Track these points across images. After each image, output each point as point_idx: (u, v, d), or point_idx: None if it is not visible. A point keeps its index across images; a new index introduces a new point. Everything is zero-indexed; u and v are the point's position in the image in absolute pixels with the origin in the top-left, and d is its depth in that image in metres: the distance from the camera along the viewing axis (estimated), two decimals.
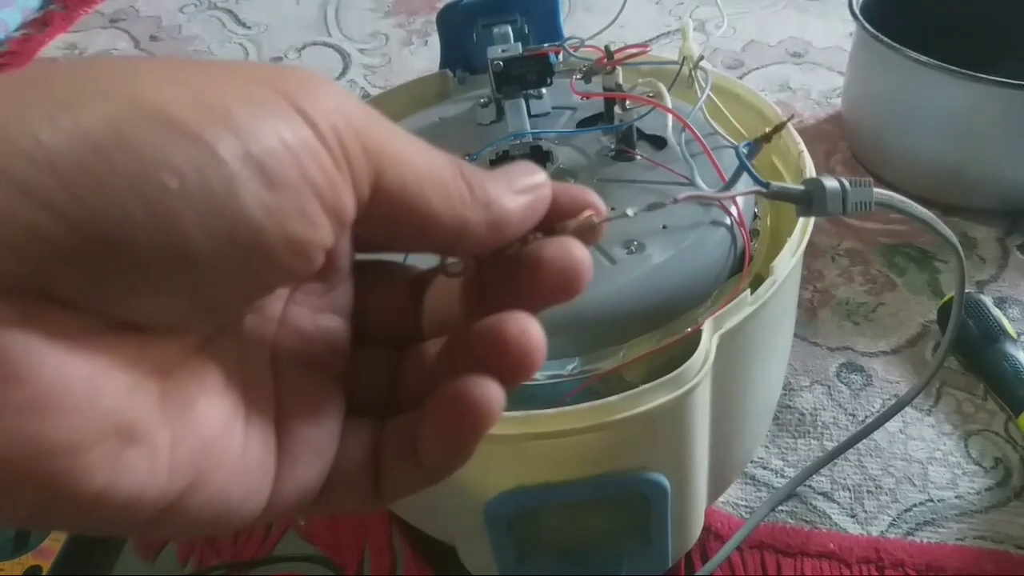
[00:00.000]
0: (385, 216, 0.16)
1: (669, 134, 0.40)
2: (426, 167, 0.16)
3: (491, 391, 0.16)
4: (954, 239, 0.35)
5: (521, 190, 0.17)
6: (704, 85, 0.42)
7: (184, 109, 0.13)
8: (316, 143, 0.14)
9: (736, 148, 0.32)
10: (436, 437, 0.17)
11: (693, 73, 0.43)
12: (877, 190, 0.29)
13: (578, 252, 0.18)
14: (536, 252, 0.18)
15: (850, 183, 0.28)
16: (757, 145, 0.33)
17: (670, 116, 0.40)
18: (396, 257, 0.20)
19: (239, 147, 0.13)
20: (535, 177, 0.18)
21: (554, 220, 0.18)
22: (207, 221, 0.13)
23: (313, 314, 0.18)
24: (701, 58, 0.43)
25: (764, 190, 0.28)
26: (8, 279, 0.12)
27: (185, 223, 0.13)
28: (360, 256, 0.19)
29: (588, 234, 0.18)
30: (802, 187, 0.28)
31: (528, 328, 0.17)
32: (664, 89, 0.40)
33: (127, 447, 0.13)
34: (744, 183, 0.35)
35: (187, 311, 0.14)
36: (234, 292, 0.14)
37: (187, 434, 0.14)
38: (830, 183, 0.28)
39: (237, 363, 0.16)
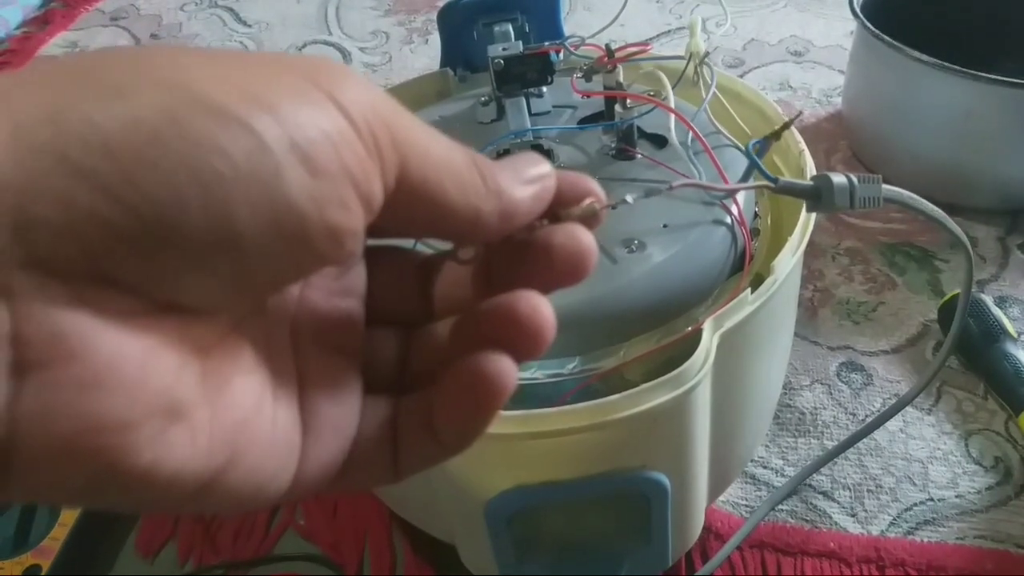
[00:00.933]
0: (404, 205, 0.16)
1: (672, 133, 0.40)
2: (445, 158, 0.17)
3: (505, 365, 0.17)
4: (963, 236, 0.35)
5: (529, 180, 0.18)
6: (710, 82, 0.42)
7: (233, 98, 0.13)
8: (352, 133, 0.14)
9: (747, 146, 0.32)
10: (453, 411, 0.18)
11: (699, 70, 0.43)
12: (886, 186, 0.29)
13: (585, 238, 0.18)
14: (545, 238, 0.18)
15: (858, 179, 0.28)
16: (767, 143, 0.33)
17: (672, 114, 0.39)
18: (406, 243, 0.21)
19: (286, 136, 0.13)
20: (541, 168, 0.19)
21: (557, 207, 0.19)
22: (255, 207, 0.13)
23: (328, 296, 0.19)
24: (707, 54, 0.43)
25: (772, 185, 0.28)
26: (66, 262, 0.12)
27: (235, 208, 0.13)
28: (370, 241, 0.20)
29: (591, 220, 0.19)
30: (810, 182, 0.28)
31: (539, 306, 0.17)
32: (667, 81, 0.40)
33: (172, 424, 0.14)
34: (750, 180, 0.35)
35: (229, 293, 0.14)
36: (273, 275, 0.15)
37: (224, 411, 0.15)
38: (838, 179, 0.28)
39: (264, 343, 0.17)
